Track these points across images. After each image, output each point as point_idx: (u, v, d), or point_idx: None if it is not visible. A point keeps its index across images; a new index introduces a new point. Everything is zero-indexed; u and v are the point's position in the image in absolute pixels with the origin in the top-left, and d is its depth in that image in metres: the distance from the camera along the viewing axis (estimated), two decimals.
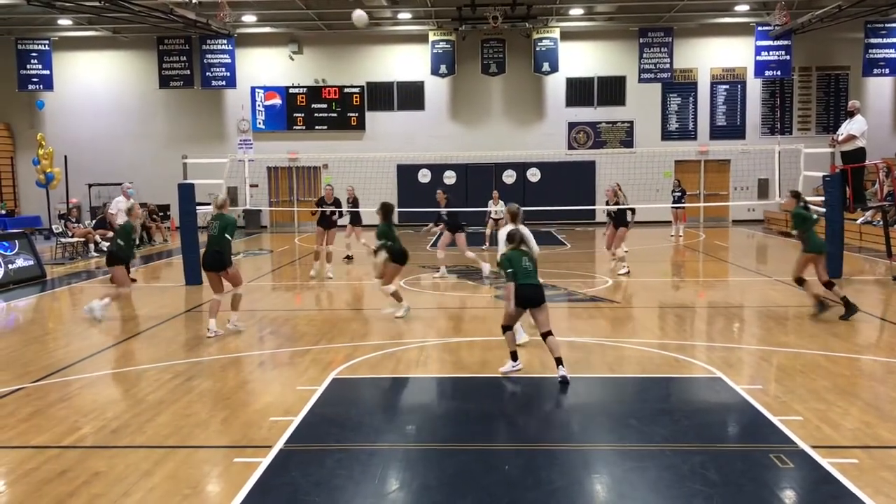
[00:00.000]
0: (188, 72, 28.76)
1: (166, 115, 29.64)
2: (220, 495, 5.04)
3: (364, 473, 5.27)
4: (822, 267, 10.62)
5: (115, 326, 10.98)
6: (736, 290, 13.24)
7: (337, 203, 16.00)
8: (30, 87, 28.64)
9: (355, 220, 17.22)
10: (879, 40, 27.05)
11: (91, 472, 5.37)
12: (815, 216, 10.84)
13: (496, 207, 19.08)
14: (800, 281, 10.81)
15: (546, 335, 7.57)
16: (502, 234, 8.72)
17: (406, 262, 11.01)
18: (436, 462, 5.54)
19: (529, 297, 7.58)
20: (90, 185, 28.52)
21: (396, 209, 15.86)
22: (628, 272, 14.73)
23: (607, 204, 15.61)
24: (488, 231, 19.67)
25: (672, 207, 22.36)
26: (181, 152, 18.37)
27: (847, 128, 14.30)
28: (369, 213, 13.14)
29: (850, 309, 10.24)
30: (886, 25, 26.87)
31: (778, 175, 16.23)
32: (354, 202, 17.30)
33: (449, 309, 11.89)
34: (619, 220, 15.07)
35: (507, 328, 7.84)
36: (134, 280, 14.78)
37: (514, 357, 7.87)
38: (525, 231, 8.37)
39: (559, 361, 7.41)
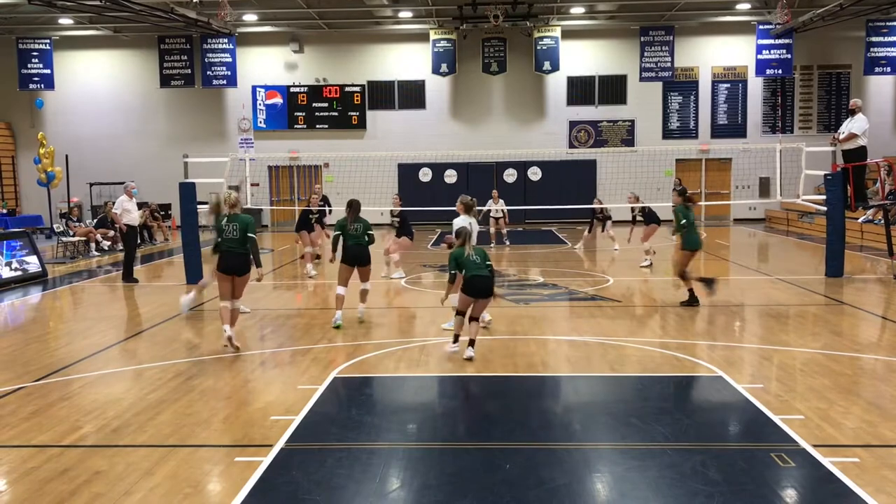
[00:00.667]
0: (189, 71, 28.78)
1: (167, 114, 29.66)
2: (220, 494, 5.04)
3: (365, 473, 5.27)
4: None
5: (117, 325, 10.98)
6: (737, 288, 13.22)
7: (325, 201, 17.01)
8: (31, 86, 28.67)
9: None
10: (881, 39, 27.04)
11: (92, 471, 5.37)
12: (692, 217, 11.67)
13: (496, 206, 19.13)
14: (682, 275, 11.33)
15: (473, 319, 8.39)
16: (455, 224, 9.50)
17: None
18: (436, 461, 5.54)
19: (479, 289, 8.32)
20: (91, 185, 28.55)
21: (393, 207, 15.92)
22: (651, 265, 15.60)
23: (633, 210, 17.02)
24: (492, 230, 19.71)
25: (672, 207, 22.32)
26: (182, 151, 18.38)
27: (848, 126, 14.29)
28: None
29: (692, 300, 11.10)
30: (888, 24, 26.86)
31: (779, 174, 16.21)
32: (325, 201, 17.37)
33: (450, 308, 11.87)
34: (651, 218, 16.34)
35: (460, 314, 8.54)
36: (136, 280, 14.83)
37: (455, 340, 8.64)
38: (473, 224, 9.50)
39: (472, 343, 8.28)
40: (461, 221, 9.54)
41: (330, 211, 16.87)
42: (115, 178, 27.90)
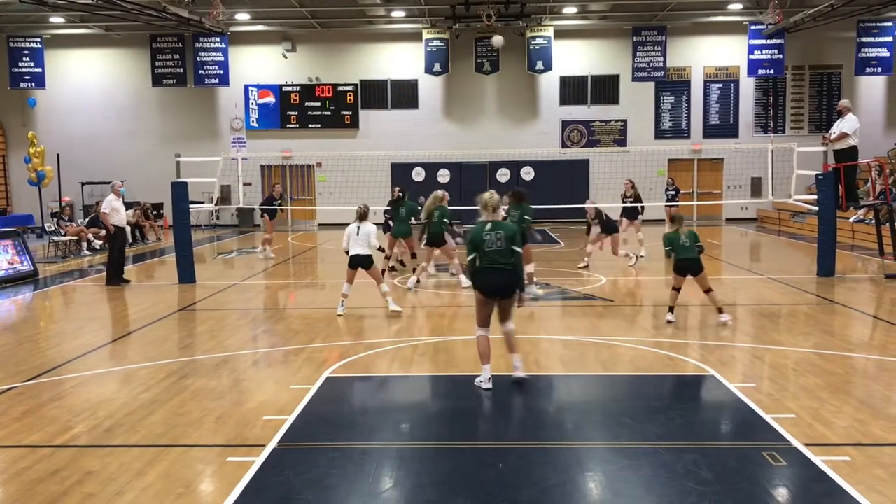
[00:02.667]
0: (181, 70, 28.70)
1: (159, 113, 29.57)
2: (213, 494, 5.03)
3: (358, 472, 5.26)
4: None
5: (108, 325, 10.95)
6: (729, 288, 13.25)
7: (282, 196, 18.96)
8: (21, 85, 28.55)
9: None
10: (872, 39, 27.15)
11: (84, 472, 5.35)
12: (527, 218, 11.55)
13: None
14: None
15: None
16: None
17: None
18: (430, 460, 5.54)
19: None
20: (83, 184, 28.44)
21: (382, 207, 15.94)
22: (635, 262, 15.76)
23: (624, 196, 17.05)
24: None
25: (666, 206, 22.37)
26: (174, 150, 18.34)
27: (839, 126, 14.35)
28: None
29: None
30: (879, 24, 26.97)
31: (771, 173, 16.26)
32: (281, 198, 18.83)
33: (443, 307, 11.89)
34: (632, 213, 16.43)
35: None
36: (127, 280, 14.74)
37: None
38: (365, 230, 10.58)
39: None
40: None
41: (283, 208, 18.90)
42: (107, 177, 27.68)
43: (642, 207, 17.06)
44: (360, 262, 10.87)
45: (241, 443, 5.89)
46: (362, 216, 10.85)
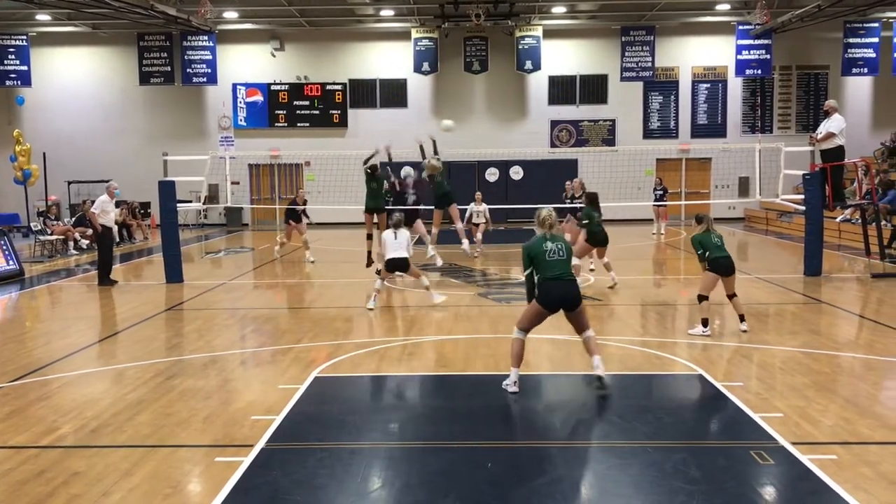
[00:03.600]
0: (169, 68, 28.56)
1: (147, 111, 29.43)
2: (200, 495, 5.01)
3: (346, 472, 5.25)
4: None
5: (95, 325, 10.88)
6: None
7: (305, 203, 18.06)
8: (7, 82, 28.33)
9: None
10: (858, 40, 27.31)
11: (70, 473, 5.32)
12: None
13: (479, 208, 18.82)
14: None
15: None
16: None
17: None
18: (418, 460, 5.53)
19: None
20: (69, 183, 28.26)
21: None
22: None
23: (571, 198, 16.17)
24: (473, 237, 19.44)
25: (654, 205, 22.46)
26: (162, 149, 18.26)
27: (826, 126, 14.42)
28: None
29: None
30: (865, 25, 27.13)
31: (758, 173, 16.34)
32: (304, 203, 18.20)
33: (432, 307, 11.88)
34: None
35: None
36: (115, 281, 14.62)
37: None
38: (403, 235, 10.81)
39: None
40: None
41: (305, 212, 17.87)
42: (94, 176, 27.65)
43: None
44: (398, 265, 11.45)
45: (228, 443, 5.86)
46: (397, 224, 11.57)
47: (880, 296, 12.28)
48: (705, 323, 9.25)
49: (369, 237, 14.43)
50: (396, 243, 11.44)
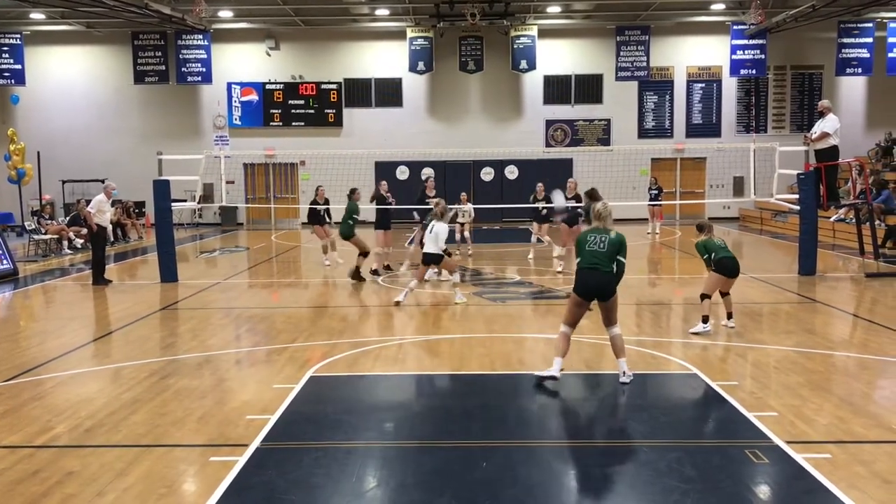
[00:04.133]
0: (163, 67, 28.50)
1: (141, 110, 29.36)
2: (195, 494, 5.00)
3: (341, 472, 5.25)
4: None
5: (90, 324, 10.85)
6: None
7: (327, 202, 17.02)
8: (1, 81, 28.23)
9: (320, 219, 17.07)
10: (852, 40, 27.38)
11: (64, 472, 5.30)
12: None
13: (464, 208, 18.66)
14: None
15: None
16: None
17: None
18: (414, 460, 5.53)
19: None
20: (64, 182, 28.16)
21: (372, 206, 15.92)
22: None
23: (567, 198, 15.49)
24: (457, 235, 19.29)
25: (648, 205, 22.49)
26: (156, 148, 18.20)
27: (821, 126, 14.45)
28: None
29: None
30: (859, 25, 27.20)
31: (753, 173, 16.37)
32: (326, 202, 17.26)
33: (427, 306, 11.88)
34: (573, 219, 14.95)
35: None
36: (109, 281, 14.59)
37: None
38: (436, 229, 10.89)
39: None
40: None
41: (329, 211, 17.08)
42: (88, 175, 27.58)
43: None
44: (430, 259, 11.63)
45: (223, 442, 5.86)
46: (439, 216, 11.71)
47: (874, 295, 12.32)
48: (705, 320, 9.32)
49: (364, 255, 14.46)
50: (430, 237, 11.47)
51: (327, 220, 16.82)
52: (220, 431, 6.10)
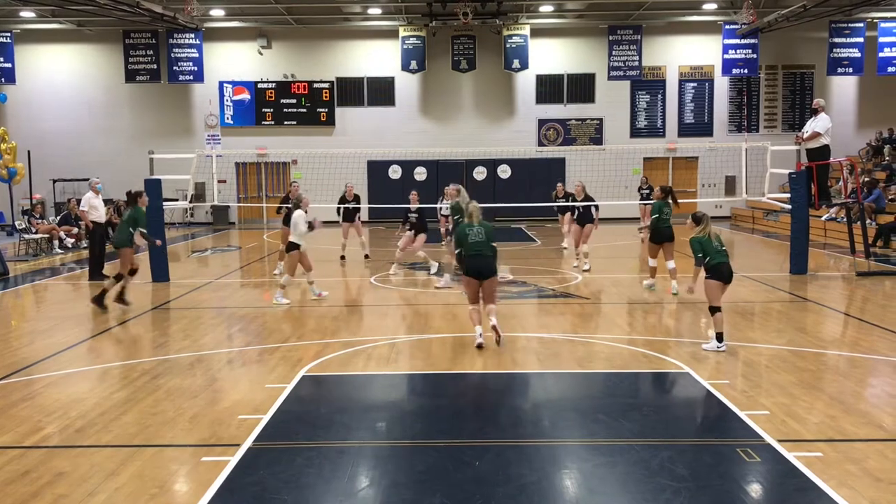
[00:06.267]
0: (155, 66, 28.38)
1: (133, 109, 29.26)
2: (187, 494, 4.98)
3: (334, 471, 5.24)
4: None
5: (81, 324, 10.80)
6: (699, 289, 13.35)
7: (357, 200, 17.17)
8: None
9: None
10: (843, 40, 27.48)
11: (55, 473, 5.28)
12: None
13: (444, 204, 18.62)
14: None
15: None
16: None
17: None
18: (406, 459, 5.53)
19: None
20: (54, 181, 28.07)
21: (366, 204, 15.91)
22: (589, 269, 14.78)
23: (572, 200, 15.55)
24: (442, 228, 19.30)
25: (641, 204, 22.53)
26: (148, 147, 18.15)
27: (812, 125, 14.50)
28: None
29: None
30: (850, 25, 27.30)
31: (745, 172, 16.42)
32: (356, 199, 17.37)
33: (420, 305, 11.87)
34: (585, 217, 14.86)
35: None
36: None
37: None
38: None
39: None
40: None
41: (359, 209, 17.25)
42: (79, 174, 27.46)
43: (597, 209, 15.29)
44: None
45: (215, 442, 5.84)
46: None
47: (865, 294, 12.37)
48: (720, 338, 8.40)
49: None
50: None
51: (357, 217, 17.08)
52: (212, 431, 6.08)
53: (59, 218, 21.71)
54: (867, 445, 5.61)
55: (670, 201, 12.52)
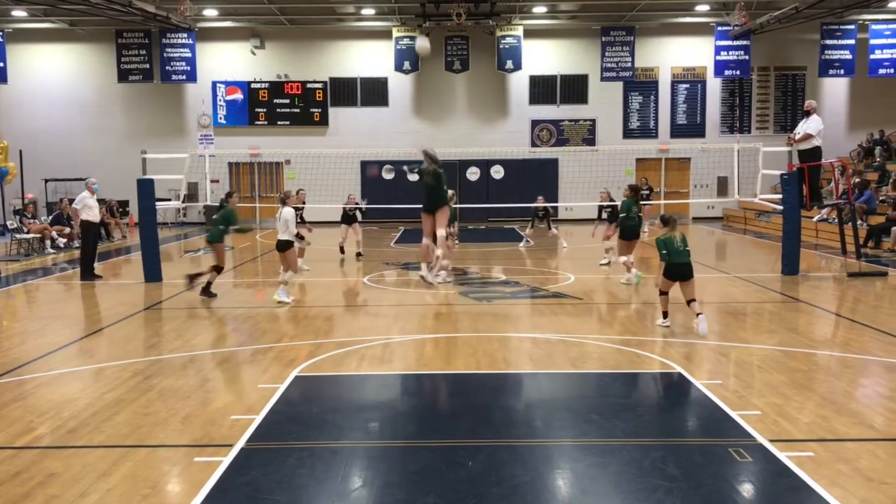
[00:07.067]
0: (148, 66, 28.31)
1: (125, 109, 29.17)
2: (179, 495, 4.97)
3: (326, 472, 5.24)
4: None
5: (73, 324, 10.77)
6: (696, 286, 13.38)
7: (357, 207, 17.80)
8: None
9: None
10: (835, 42, 27.59)
11: (46, 473, 5.26)
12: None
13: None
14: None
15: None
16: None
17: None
18: (399, 459, 5.53)
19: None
20: (46, 181, 27.98)
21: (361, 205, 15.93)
22: (609, 263, 15.48)
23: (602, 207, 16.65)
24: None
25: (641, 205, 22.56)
26: (140, 147, 18.09)
27: (804, 127, 14.56)
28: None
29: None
30: (841, 27, 27.41)
31: (737, 173, 16.47)
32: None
33: (413, 306, 11.87)
34: (614, 217, 15.69)
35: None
36: (99, 276, 14.60)
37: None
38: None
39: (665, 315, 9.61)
40: None
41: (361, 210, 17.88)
42: (72, 174, 27.38)
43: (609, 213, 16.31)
44: None
45: (208, 443, 5.83)
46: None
47: (856, 294, 12.42)
48: (665, 315, 9.80)
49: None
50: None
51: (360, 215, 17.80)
52: (205, 431, 6.07)
53: (51, 218, 21.64)
54: (858, 445, 5.64)
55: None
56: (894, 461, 5.35)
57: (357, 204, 17.84)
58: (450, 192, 12.90)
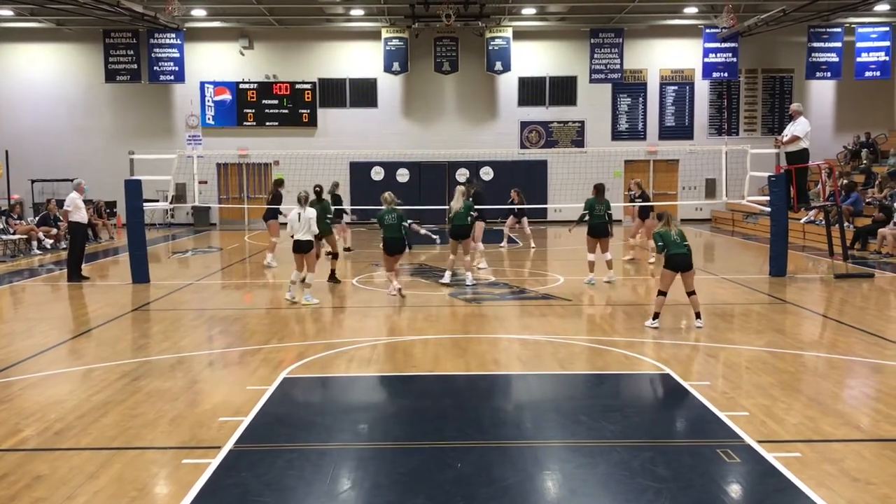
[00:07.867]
0: (135, 66, 28.17)
1: (113, 109, 29.03)
2: (167, 497, 4.95)
3: (315, 473, 5.23)
4: None
5: (60, 325, 10.71)
6: (679, 287, 13.43)
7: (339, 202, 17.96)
8: None
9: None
10: (822, 45, 27.77)
11: (33, 476, 5.23)
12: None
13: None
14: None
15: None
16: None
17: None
18: (388, 461, 5.52)
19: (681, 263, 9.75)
20: (33, 181, 27.79)
21: (349, 206, 15.90)
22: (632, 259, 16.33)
23: (633, 199, 17.20)
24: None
25: (634, 206, 22.62)
26: (128, 148, 18.00)
27: (791, 129, 14.63)
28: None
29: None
30: (828, 30, 27.59)
31: (725, 175, 16.54)
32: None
33: (402, 307, 11.86)
34: (644, 212, 16.49)
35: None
36: (86, 277, 14.54)
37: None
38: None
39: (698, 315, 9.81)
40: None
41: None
42: (58, 174, 27.21)
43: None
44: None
45: (196, 444, 5.80)
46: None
47: (843, 296, 12.49)
48: (655, 316, 9.83)
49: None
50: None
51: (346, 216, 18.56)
52: (193, 433, 6.05)
53: (37, 218, 21.50)
54: (845, 446, 5.67)
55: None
56: (880, 462, 5.39)
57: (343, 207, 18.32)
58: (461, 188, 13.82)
